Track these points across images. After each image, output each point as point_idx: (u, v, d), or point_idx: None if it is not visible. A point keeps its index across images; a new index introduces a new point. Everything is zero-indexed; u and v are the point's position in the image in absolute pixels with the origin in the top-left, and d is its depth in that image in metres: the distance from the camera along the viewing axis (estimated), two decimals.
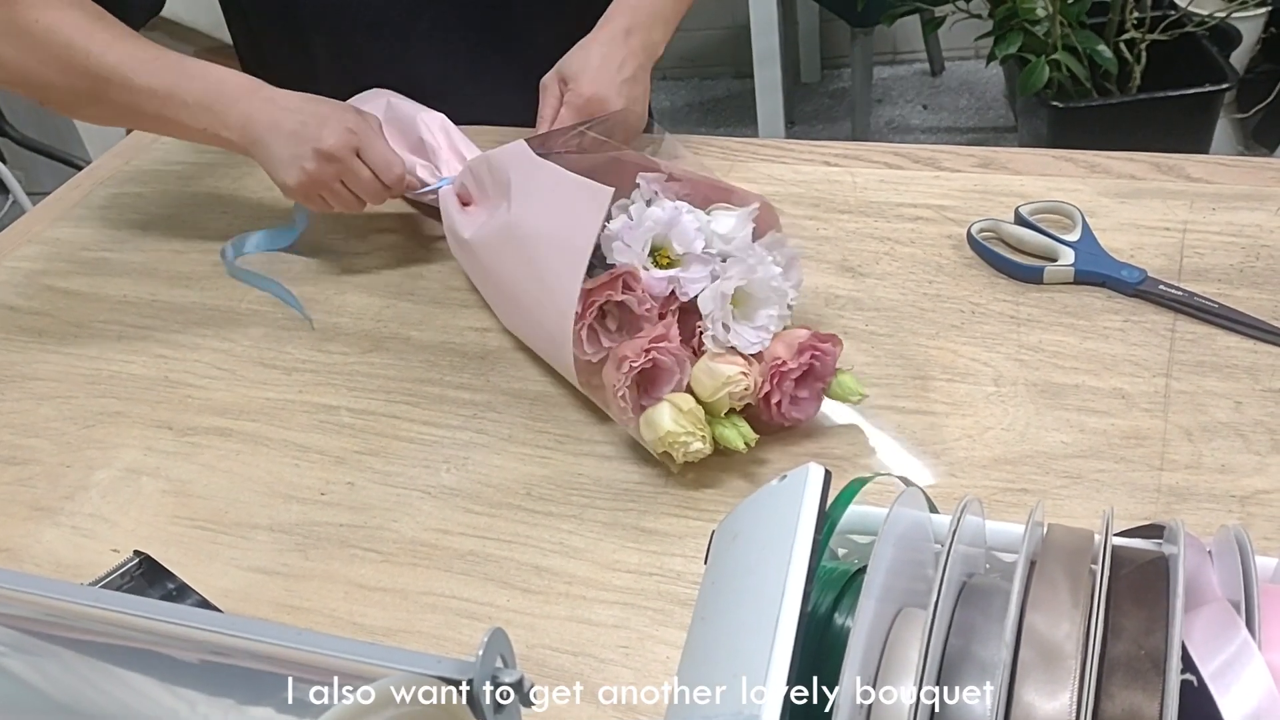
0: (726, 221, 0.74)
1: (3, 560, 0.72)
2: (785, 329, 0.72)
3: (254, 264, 0.96)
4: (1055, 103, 1.85)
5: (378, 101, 0.95)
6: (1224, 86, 1.85)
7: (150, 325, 0.92)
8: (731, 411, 0.70)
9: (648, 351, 0.68)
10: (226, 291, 0.93)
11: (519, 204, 0.77)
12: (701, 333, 0.71)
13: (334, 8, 1.02)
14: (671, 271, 0.72)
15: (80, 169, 1.19)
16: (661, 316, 0.72)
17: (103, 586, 0.64)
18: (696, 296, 0.72)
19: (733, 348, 0.70)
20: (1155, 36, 1.86)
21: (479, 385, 0.81)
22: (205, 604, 0.64)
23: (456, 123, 0.94)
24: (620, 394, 0.68)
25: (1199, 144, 1.92)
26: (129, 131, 1.22)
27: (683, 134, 1.06)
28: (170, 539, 0.73)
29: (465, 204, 0.87)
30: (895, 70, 2.81)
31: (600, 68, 0.89)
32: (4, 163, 2.33)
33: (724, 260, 0.73)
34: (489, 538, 0.70)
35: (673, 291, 0.72)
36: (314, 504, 0.74)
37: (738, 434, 0.69)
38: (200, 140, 0.90)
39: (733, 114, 2.79)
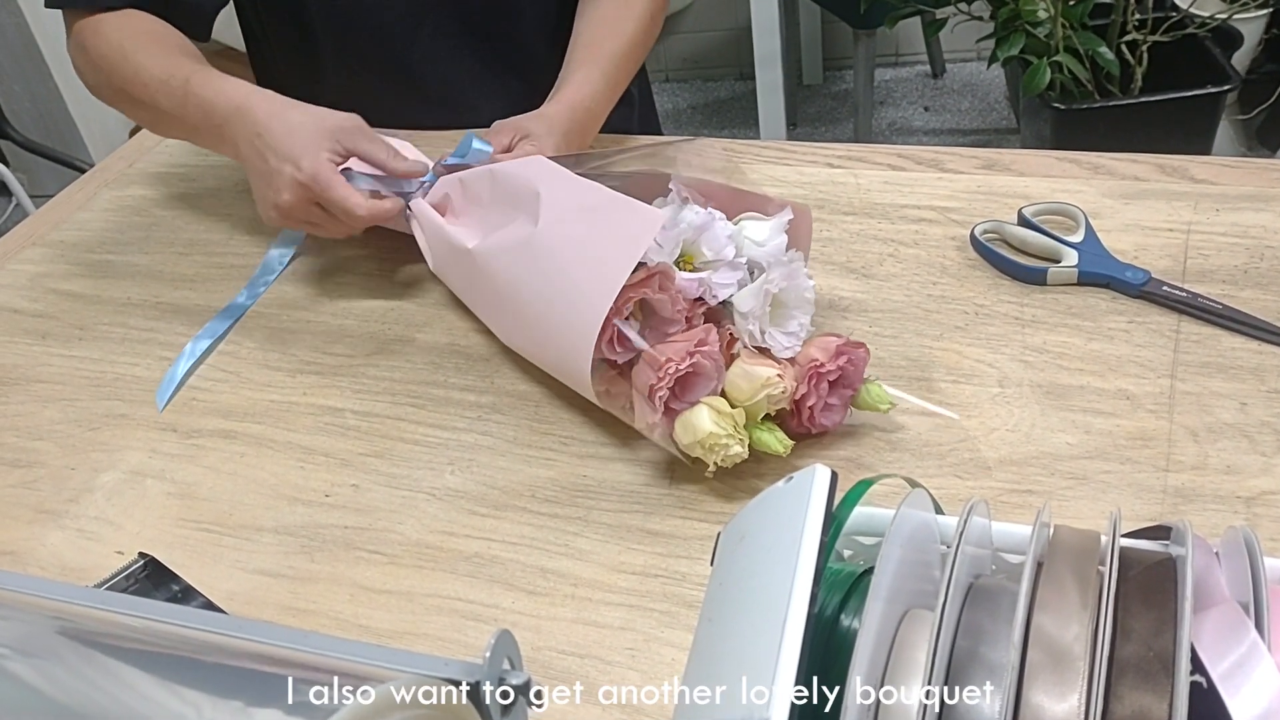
0: (760, 229, 0.74)
1: (7, 563, 0.72)
2: (812, 337, 0.72)
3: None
4: (1057, 104, 1.85)
5: None
6: (1226, 88, 1.85)
7: (154, 328, 0.92)
8: (766, 417, 0.69)
9: (692, 354, 0.67)
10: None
11: (550, 218, 0.74)
12: (732, 338, 0.70)
13: (340, 9, 1.02)
14: (704, 274, 0.72)
15: (83, 171, 1.19)
16: (688, 320, 0.71)
17: (107, 589, 0.64)
18: (723, 301, 0.72)
19: (765, 350, 0.70)
20: (1156, 38, 1.86)
21: (484, 387, 0.80)
22: (210, 606, 0.64)
23: (459, 127, 0.94)
24: (660, 394, 0.67)
25: (1201, 145, 1.92)
26: (132, 134, 1.22)
27: (686, 136, 1.06)
28: (175, 541, 0.73)
29: (441, 214, 0.85)
30: (897, 72, 2.82)
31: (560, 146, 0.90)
32: (7, 165, 2.33)
33: (751, 270, 0.73)
34: (494, 540, 0.69)
35: (700, 296, 0.72)
36: (319, 506, 0.73)
37: (775, 439, 0.68)
38: None
39: (735, 116, 2.79)
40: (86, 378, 0.87)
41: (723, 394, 0.69)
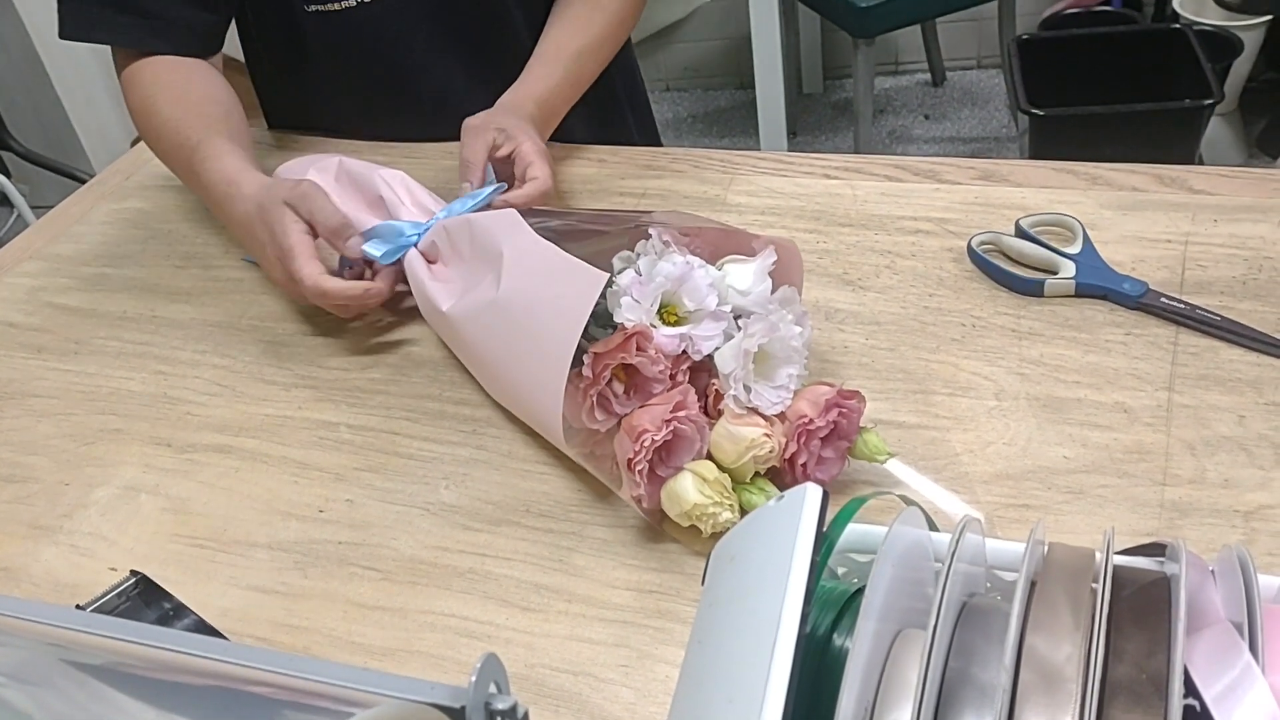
0: (744, 276, 0.70)
1: (1, 579, 0.72)
2: (804, 386, 0.69)
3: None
4: (1036, 110, 1.85)
5: (328, 162, 0.92)
6: (1208, 102, 1.85)
7: (149, 341, 0.91)
8: (756, 474, 0.67)
9: (668, 422, 0.64)
10: (226, 307, 0.93)
11: (510, 280, 0.72)
12: (718, 393, 0.67)
13: (333, 22, 1.02)
14: (684, 329, 0.68)
15: (85, 183, 1.19)
16: (672, 377, 0.68)
17: (99, 607, 0.63)
18: (709, 355, 0.68)
19: (753, 408, 0.67)
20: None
21: (478, 401, 0.80)
22: (202, 624, 0.64)
23: (452, 137, 0.93)
24: (639, 468, 0.64)
25: (1184, 155, 1.93)
26: (134, 144, 1.22)
27: (685, 145, 1.06)
28: (169, 557, 0.72)
29: (431, 262, 0.83)
30: (897, 80, 2.82)
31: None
32: (9, 177, 2.34)
33: (736, 316, 0.70)
34: (488, 555, 0.69)
35: (684, 350, 0.68)
36: (313, 522, 0.73)
37: (766, 498, 0.65)
38: None
39: (735, 125, 2.79)
40: (82, 392, 0.87)
41: (709, 455, 0.67)
